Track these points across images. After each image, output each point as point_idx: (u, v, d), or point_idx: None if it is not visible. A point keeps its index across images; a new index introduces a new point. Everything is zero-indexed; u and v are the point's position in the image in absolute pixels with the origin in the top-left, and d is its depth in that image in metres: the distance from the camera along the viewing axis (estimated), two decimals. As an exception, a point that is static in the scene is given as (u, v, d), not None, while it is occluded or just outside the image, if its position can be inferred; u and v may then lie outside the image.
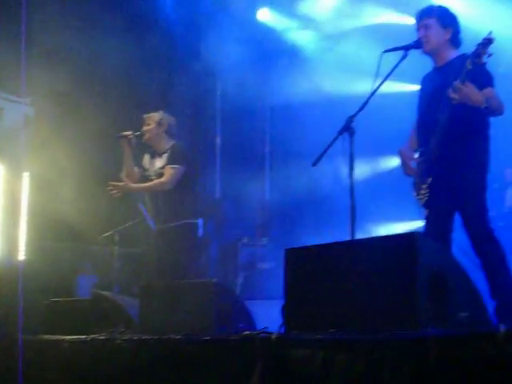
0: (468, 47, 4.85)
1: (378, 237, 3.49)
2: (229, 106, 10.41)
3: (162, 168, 6.53)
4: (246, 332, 3.70)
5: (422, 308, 3.12)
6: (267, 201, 10.77)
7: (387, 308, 3.22)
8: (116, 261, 7.59)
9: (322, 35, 9.93)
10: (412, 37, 5.02)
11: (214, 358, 3.75)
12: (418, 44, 4.95)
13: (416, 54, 5.00)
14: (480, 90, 4.54)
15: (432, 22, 4.94)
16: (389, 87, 5.07)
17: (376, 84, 4.74)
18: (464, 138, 4.73)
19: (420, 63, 5.20)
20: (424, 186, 4.91)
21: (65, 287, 7.40)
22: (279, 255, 4.02)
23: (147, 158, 6.75)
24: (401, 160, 5.14)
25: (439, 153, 4.77)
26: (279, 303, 3.87)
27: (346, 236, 4.40)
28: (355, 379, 2.99)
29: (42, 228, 7.76)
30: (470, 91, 4.49)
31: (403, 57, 4.86)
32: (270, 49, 10.38)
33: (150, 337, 4.27)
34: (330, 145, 4.71)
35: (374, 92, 4.74)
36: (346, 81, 9.37)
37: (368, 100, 4.74)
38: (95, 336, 4.73)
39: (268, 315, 4.47)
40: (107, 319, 5.26)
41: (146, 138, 6.63)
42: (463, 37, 5.02)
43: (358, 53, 8.96)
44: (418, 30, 5.01)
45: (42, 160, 7.42)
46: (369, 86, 4.74)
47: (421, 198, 4.95)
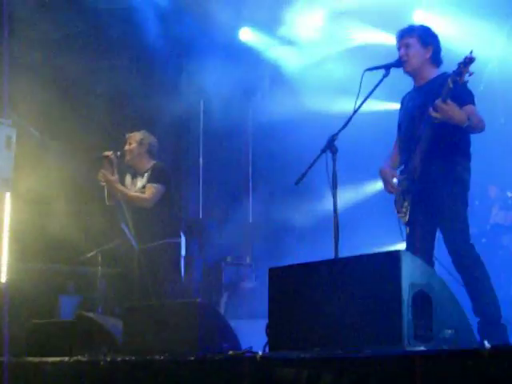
0: (448, 67, 4.90)
1: (362, 255, 3.48)
2: (212, 126, 10.43)
3: (143, 188, 6.52)
4: (231, 352, 3.68)
5: (407, 326, 3.13)
6: (250, 220, 10.76)
7: (372, 326, 3.23)
8: (99, 281, 7.55)
9: (304, 54, 9.98)
10: (393, 56, 5.06)
11: (199, 379, 3.72)
12: (399, 63, 4.99)
13: (397, 73, 5.03)
14: (461, 108, 4.57)
15: (413, 41, 4.98)
16: (371, 105, 5.09)
17: (358, 102, 4.76)
18: (445, 156, 4.76)
19: (401, 82, 5.24)
20: (405, 204, 4.93)
21: (48, 308, 7.35)
22: (263, 274, 4.02)
23: (128, 179, 6.73)
24: (382, 178, 5.15)
25: (420, 170, 4.79)
26: (263, 322, 3.86)
27: (330, 255, 4.40)
28: (341, 398, 2.99)
29: (25, 248, 7.71)
30: (452, 110, 4.52)
31: (384, 75, 4.89)
32: (253, 68, 10.42)
33: (134, 358, 4.23)
34: (313, 163, 4.72)
35: (357, 110, 4.76)
36: (329, 99, 9.42)
37: (350, 118, 4.76)
38: (78, 357, 4.69)
39: (252, 334, 4.47)
40: (90, 340, 5.23)
41: (128, 159, 6.62)
42: (443, 56, 5.06)
43: (340, 71, 9.02)
44: (399, 49, 5.04)
45: (25, 180, 7.39)
46: (351, 105, 4.76)
47: (402, 216, 4.97)
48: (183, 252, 7.49)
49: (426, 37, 5.01)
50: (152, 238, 6.46)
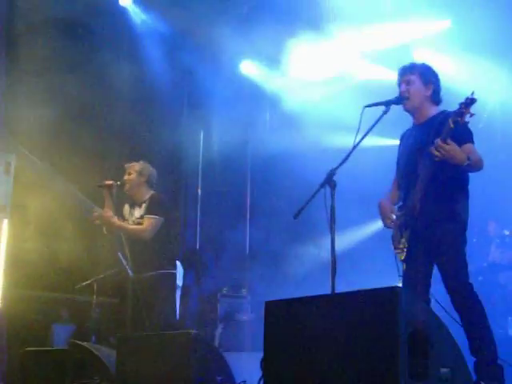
0: (446, 105, 4.93)
1: (359, 290, 3.47)
2: (211, 157, 10.47)
3: (141, 218, 6.54)
4: (225, 385, 3.66)
5: (403, 363, 3.10)
6: (247, 251, 10.75)
7: (368, 363, 3.20)
8: (94, 310, 7.51)
9: (305, 88, 10.02)
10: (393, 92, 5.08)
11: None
12: (399, 99, 5.00)
13: (397, 110, 5.05)
14: (460, 146, 4.58)
15: (414, 78, 5.00)
16: (370, 141, 5.11)
17: (358, 138, 4.77)
18: (444, 194, 4.76)
19: (400, 119, 5.26)
20: (403, 240, 4.91)
21: (41, 335, 7.31)
22: (258, 307, 4.01)
23: (127, 208, 6.76)
24: (380, 212, 5.15)
25: (420, 208, 4.79)
26: (258, 356, 3.84)
27: (327, 290, 4.38)
28: None
29: (20, 275, 7.69)
30: (453, 150, 4.53)
31: (384, 112, 4.90)
32: (253, 100, 10.48)
33: (127, 389, 4.21)
34: (312, 197, 4.72)
35: (356, 146, 4.77)
36: (328, 133, 9.46)
37: (350, 153, 4.77)
38: (71, 387, 4.66)
39: (247, 368, 4.44)
40: (83, 369, 5.20)
41: (127, 188, 6.64)
42: (443, 94, 5.08)
43: (340, 106, 9.05)
44: (400, 85, 5.07)
45: (22, 208, 7.38)
46: (351, 139, 4.77)
47: (399, 253, 4.95)
48: (181, 282, 7.43)
49: (427, 74, 5.03)
50: (148, 268, 6.46)
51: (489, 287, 8.18)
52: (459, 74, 8.40)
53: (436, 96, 5.02)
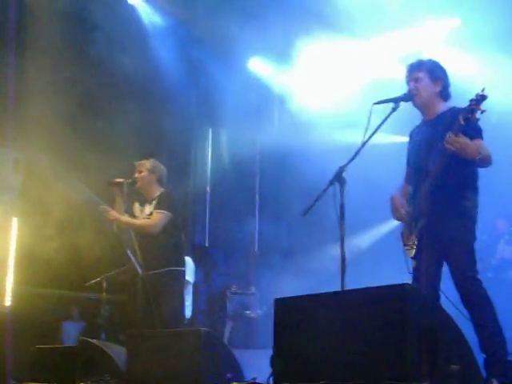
0: (454, 101, 4.92)
1: (369, 288, 3.46)
2: (220, 154, 10.47)
3: (150, 214, 6.54)
4: (234, 382, 3.67)
5: (413, 360, 3.10)
6: (256, 249, 10.76)
7: (378, 360, 3.20)
8: (104, 307, 7.53)
9: (314, 86, 10.01)
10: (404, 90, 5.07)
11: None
12: (408, 96, 5.00)
13: (406, 106, 5.04)
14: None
15: (422, 75, 4.99)
16: (379, 138, 5.10)
17: (367, 135, 4.77)
18: (454, 190, 4.76)
19: (409, 115, 5.25)
20: (412, 237, 4.91)
21: (51, 333, 7.33)
22: (267, 304, 4.01)
23: (137, 206, 6.76)
24: (392, 205, 5.14)
25: (429, 203, 4.78)
26: (268, 353, 3.84)
27: (337, 286, 4.38)
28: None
29: (30, 274, 7.72)
30: (465, 143, 4.52)
31: (393, 109, 4.90)
32: (262, 97, 10.47)
33: (137, 386, 4.22)
34: (321, 195, 4.72)
35: (365, 143, 4.77)
36: (338, 131, 9.44)
37: (359, 151, 4.77)
38: (81, 384, 4.67)
39: (256, 365, 4.44)
40: (93, 367, 5.21)
41: (138, 186, 6.65)
42: (452, 91, 5.07)
43: (350, 103, 9.03)
44: (408, 83, 5.06)
45: (32, 205, 7.40)
46: (360, 137, 4.77)
47: (409, 249, 4.94)
48: (192, 279, 7.44)
49: (436, 71, 5.03)
50: (157, 265, 6.46)
51: (498, 284, 8.15)
52: (480, 74, 8.34)
53: (445, 92, 5.01)
